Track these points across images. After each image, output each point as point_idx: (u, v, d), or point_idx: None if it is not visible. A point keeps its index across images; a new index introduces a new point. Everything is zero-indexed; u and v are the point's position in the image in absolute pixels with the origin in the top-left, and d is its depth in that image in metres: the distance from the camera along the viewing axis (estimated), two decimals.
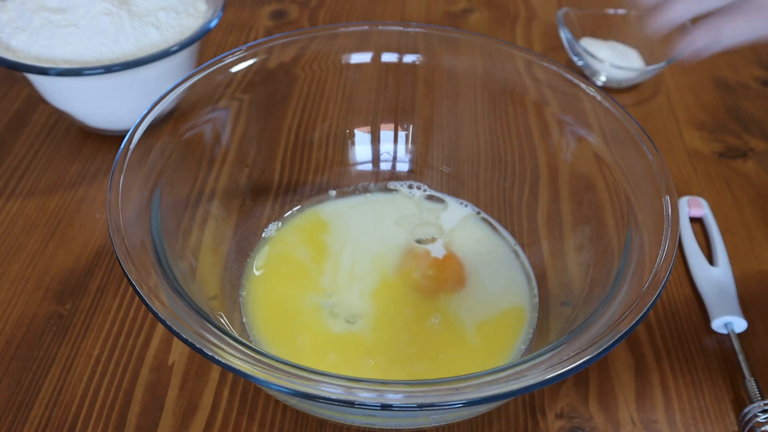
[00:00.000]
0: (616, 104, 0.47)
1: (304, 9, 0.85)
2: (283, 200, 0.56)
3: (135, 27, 0.59)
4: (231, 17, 0.82)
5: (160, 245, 0.41)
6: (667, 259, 0.39)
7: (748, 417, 0.45)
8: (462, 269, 0.52)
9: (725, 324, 0.51)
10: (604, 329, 0.36)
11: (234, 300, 0.49)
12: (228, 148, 0.52)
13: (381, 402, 0.33)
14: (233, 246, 0.51)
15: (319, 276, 0.51)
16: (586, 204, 0.49)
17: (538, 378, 0.33)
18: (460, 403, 0.33)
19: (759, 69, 0.76)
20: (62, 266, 0.54)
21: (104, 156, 0.64)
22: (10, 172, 0.62)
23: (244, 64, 0.51)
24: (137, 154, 0.44)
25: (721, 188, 0.62)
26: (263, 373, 0.33)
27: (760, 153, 0.66)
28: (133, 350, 0.49)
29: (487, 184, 0.57)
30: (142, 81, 0.60)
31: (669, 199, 0.42)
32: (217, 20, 0.61)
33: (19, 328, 0.50)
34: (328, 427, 0.45)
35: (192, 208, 0.49)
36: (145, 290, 0.37)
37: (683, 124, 0.69)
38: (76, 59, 0.58)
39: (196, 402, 0.46)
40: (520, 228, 0.54)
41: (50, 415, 0.45)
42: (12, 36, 0.59)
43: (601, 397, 0.47)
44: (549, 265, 0.51)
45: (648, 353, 0.50)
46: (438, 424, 0.44)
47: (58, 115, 0.66)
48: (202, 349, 0.34)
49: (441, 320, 0.48)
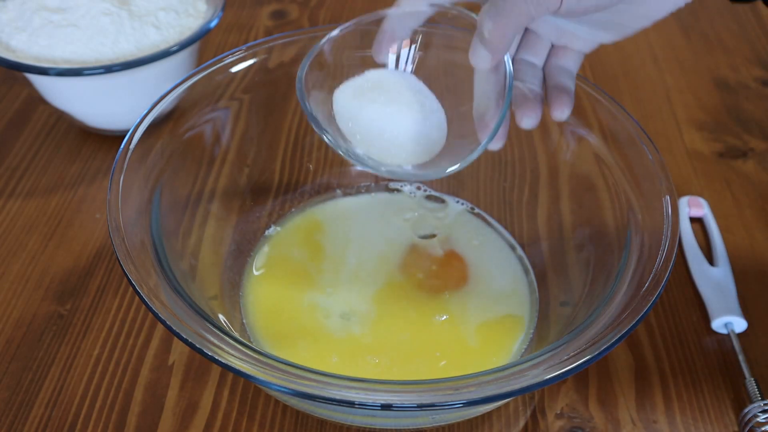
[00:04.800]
0: (616, 104, 0.47)
1: (304, 9, 0.85)
2: (283, 200, 0.56)
3: (135, 27, 0.59)
4: (231, 17, 0.82)
5: (160, 245, 0.41)
6: (667, 259, 0.39)
7: (748, 417, 0.45)
8: (465, 266, 0.52)
9: (725, 324, 0.51)
10: (604, 329, 0.36)
11: (234, 300, 0.49)
12: (228, 148, 0.52)
13: (381, 402, 0.33)
14: (233, 246, 0.51)
15: (318, 275, 0.51)
16: (586, 204, 0.49)
17: (538, 378, 0.33)
18: (460, 403, 0.33)
19: (759, 69, 0.76)
20: (62, 266, 0.54)
21: (104, 156, 0.64)
22: (10, 172, 0.62)
23: (244, 64, 0.51)
24: (137, 154, 0.44)
25: (721, 188, 0.62)
26: (263, 373, 0.33)
27: (760, 153, 0.66)
28: (133, 350, 0.49)
29: (487, 183, 0.57)
30: (142, 81, 0.60)
31: (669, 199, 0.42)
32: (217, 20, 0.61)
33: (19, 328, 0.50)
34: (328, 427, 0.45)
35: (192, 208, 0.49)
36: (145, 290, 0.37)
37: (683, 124, 0.69)
38: (76, 59, 0.58)
39: (196, 402, 0.46)
40: (520, 228, 0.54)
41: (50, 415, 0.45)
42: (12, 36, 0.59)
43: (601, 397, 0.47)
44: (549, 265, 0.51)
45: (648, 353, 0.50)
46: (438, 424, 0.44)
47: (58, 115, 0.66)
48: (202, 349, 0.34)
49: (443, 319, 0.48)
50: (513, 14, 0.36)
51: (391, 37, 0.43)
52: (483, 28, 0.37)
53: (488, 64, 0.39)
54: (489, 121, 0.41)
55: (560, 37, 0.42)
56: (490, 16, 0.36)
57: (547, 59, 0.44)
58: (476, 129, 0.43)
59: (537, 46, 0.43)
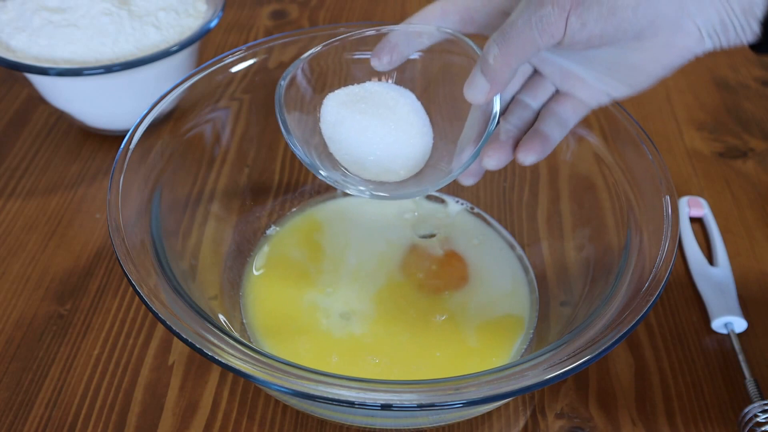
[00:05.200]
0: (616, 104, 0.47)
1: (304, 9, 0.85)
2: (283, 200, 0.56)
3: (135, 27, 0.59)
4: (231, 17, 0.82)
5: (160, 245, 0.41)
6: (667, 259, 0.39)
7: (748, 417, 0.45)
8: (465, 267, 0.52)
9: (725, 324, 0.51)
10: (604, 329, 0.36)
11: (234, 300, 0.49)
12: (228, 148, 0.52)
13: (381, 402, 0.33)
14: (233, 246, 0.51)
15: (318, 275, 0.51)
16: (586, 204, 0.49)
17: (538, 378, 0.34)
18: (460, 403, 0.33)
19: (759, 69, 0.76)
20: (62, 266, 0.54)
21: (104, 156, 0.64)
22: (10, 172, 0.62)
23: (244, 64, 0.51)
24: (137, 154, 0.44)
25: (721, 188, 0.62)
26: (263, 373, 0.33)
27: (760, 153, 0.66)
28: (133, 350, 0.49)
29: (487, 183, 0.57)
30: (142, 81, 0.60)
31: (669, 199, 0.42)
32: (217, 20, 0.61)
33: (19, 328, 0.50)
34: (328, 427, 0.45)
35: (192, 208, 0.49)
36: (145, 290, 0.37)
37: (683, 124, 0.69)
38: (76, 59, 0.58)
39: (196, 402, 0.46)
40: (520, 228, 0.54)
41: (50, 415, 0.45)
42: (12, 36, 0.59)
43: (601, 397, 0.47)
44: (549, 265, 0.51)
45: (648, 353, 0.50)
46: (438, 424, 0.44)
47: (58, 115, 0.66)
48: (202, 349, 0.34)
49: (443, 319, 0.48)
50: (519, 41, 0.35)
51: (394, 48, 0.42)
52: (489, 54, 0.37)
53: (483, 96, 0.38)
54: (464, 156, 0.41)
55: (565, 81, 0.41)
56: (497, 43, 0.36)
57: (548, 102, 0.42)
58: (454, 157, 0.43)
59: (539, 89, 0.42)
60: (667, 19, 0.34)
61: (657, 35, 0.35)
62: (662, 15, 0.34)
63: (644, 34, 0.35)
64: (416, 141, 0.43)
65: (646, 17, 0.34)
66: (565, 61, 0.40)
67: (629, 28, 0.35)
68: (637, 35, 0.35)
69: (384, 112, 0.42)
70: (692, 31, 0.35)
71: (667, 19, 0.34)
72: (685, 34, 0.35)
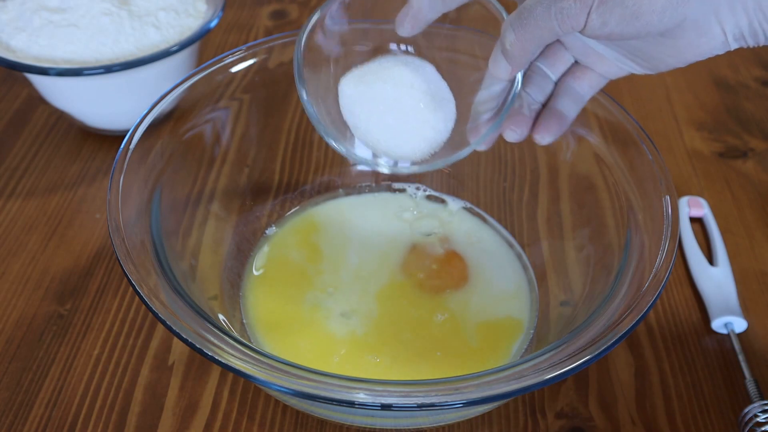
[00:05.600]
0: (616, 104, 0.47)
1: (304, 9, 0.85)
2: (283, 200, 0.56)
3: (135, 27, 0.59)
4: (231, 17, 0.82)
5: (160, 245, 0.41)
6: (667, 259, 0.39)
7: (748, 417, 0.45)
8: (465, 266, 0.52)
9: (725, 324, 0.51)
10: (604, 329, 0.36)
11: (234, 300, 0.49)
12: (228, 148, 0.52)
13: (381, 402, 0.33)
14: (233, 246, 0.51)
15: (318, 275, 0.51)
16: (586, 204, 0.49)
17: (538, 378, 0.33)
18: (460, 403, 0.33)
19: (759, 69, 0.76)
20: (62, 266, 0.54)
21: (104, 156, 0.64)
22: (10, 172, 0.62)
23: (244, 64, 0.51)
24: (137, 154, 0.44)
25: (721, 188, 0.62)
26: (263, 373, 0.33)
27: (760, 153, 0.66)
28: (133, 350, 0.49)
29: (487, 184, 0.57)
30: (142, 81, 0.60)
31: (669, 199, 0.42)
32: (217, 20, 0.61)
33: (19, 328, 0.50)
34: (328, 427, 0.45)
35: (192, 208, 0.49)
36: (145, 290, 0.37)
37: (683, 124, 0.69)
38: (76, 59, 0.58)
39: (196, 402, 0.46)
40: (520, 228, 0.54)
41: (50, 415, 0.45)
42: (12, 36, 0.59)
43: (601, 397, 0.47)
44: (549, 265, 0.51)
45: (648, 353, 0.50)
46: (438, 424, 0.44)
47: (58, 115, 0.66)
48: (202, 349, 0.34)
49: (443, 319, 0.48)
50: (537, 28, 0.35)
51: (418, 12, 0.40)
52: (505, 39, 0.36)
53: (507, 75, 0.38)
54: (481, 126, 0.41)
55: (586, 55, 0.40)
56: (514, 28, 0.36)
57: (565, 75, 0.42)
58: (468, 128, 0.42)
59: (558, 59, 0.41)
60: (695, 23, 0.34)
61: (682, 37, 0.35)
62: (689, 19, 0.34)
63: (669, 35, 0.35)
64: (437, 124, 0.42)
65: (673, 21, 0.34)
66: (588, 39, 0.39)
67: (653, 30, 0.34)
68: (660, 35, 0.35)
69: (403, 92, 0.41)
70: (718, 34, 0.35)
71: (695, 23, 0.34)
72: (711, 37, 0.35)
